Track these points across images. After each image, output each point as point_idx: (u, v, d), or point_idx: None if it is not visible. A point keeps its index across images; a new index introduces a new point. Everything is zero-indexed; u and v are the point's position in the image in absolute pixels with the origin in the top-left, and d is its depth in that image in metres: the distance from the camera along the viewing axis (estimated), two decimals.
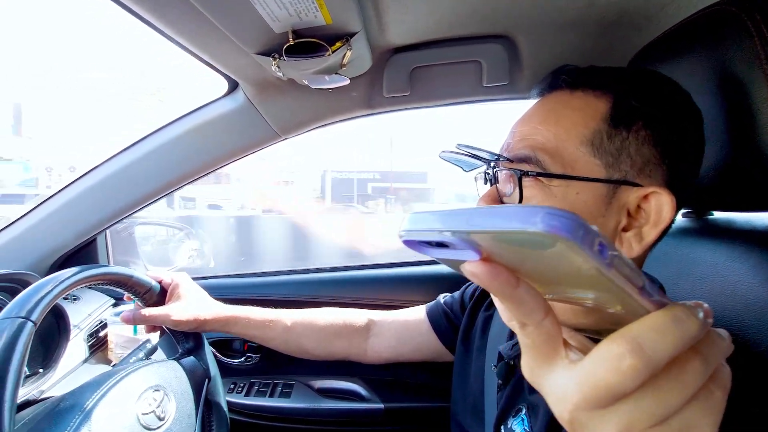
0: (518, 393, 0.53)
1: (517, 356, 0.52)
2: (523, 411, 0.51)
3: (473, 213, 0.18)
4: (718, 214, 0.66)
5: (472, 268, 0.20)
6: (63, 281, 0.54)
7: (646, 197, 0.41)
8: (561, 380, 0.21)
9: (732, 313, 0.49)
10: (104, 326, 0.87)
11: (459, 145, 0.48)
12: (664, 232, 0.43)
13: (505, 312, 0.27)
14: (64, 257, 0.88)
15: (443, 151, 0.52)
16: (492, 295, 0.28)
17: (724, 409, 0.20)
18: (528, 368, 0.22)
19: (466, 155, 0.49)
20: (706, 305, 0.20)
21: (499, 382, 0.55)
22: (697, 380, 0.19)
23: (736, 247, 0.53)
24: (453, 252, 0.20)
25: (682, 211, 0.69)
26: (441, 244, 0.20)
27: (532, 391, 0.49)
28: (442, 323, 0.78)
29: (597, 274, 0.18)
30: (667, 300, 0.20)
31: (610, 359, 0.18)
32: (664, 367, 0.19)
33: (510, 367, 0.54)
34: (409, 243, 0.21)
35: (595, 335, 0.22)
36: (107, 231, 0.96)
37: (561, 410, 0.21)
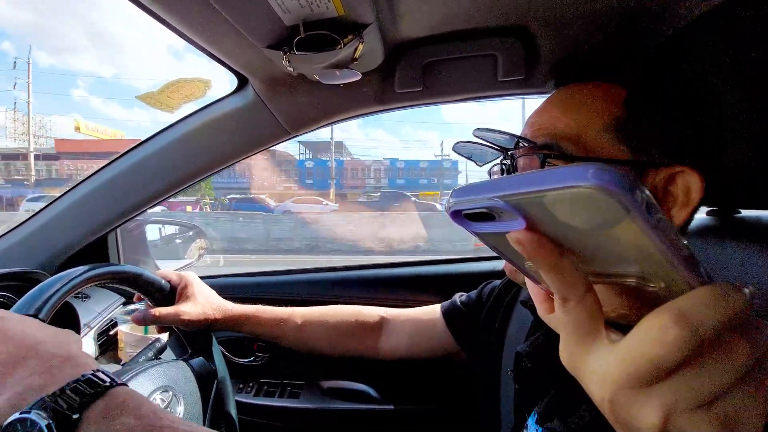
0: (535, 395, 0.51)
1: (534, 356, 0.51)
2: (534, 411, 0.49)
3: (524, 176, 0.18)
4: (746, 213, 0.63)
5: (519, 236, 0.20)
6: (72, 279, 0.54)
7: (672, 179, 0.40)
8: (602, 360, 0.20)
9: (762, 315, 0.47)
10: (115, 325, 0.87)
11: (477, 130, 0.47)
12: (692, 216, 0.43)
13: (544, 303, 0.27)
14: (74, 256, 0.88)
15: (457, 143, 0.51)
16: (528, 280, 0.28)
17: None
18: (567, 351, 0.22)
19: (483, 144, 0.48)
20: (752, 287, 0.19)
21: (516, 387, 0.54)
22: (744, 362, 0.18)
23: (766, 246, 0.51)
24: (498, 224, 0.21)
25: (706, 209, 0.66)
26: (487, 216, 0.21)
27: (548, 390, 0.47)
28: (458, 322, 0.77)
29: (642, 238, 0.18)
30: (712, 278, 0.19)
31: (656, 331, 0.18)
32: (709, 346, 0.18)
33: (527, 370, 0.52)
34: (455, 215, 0.22)
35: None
36: (118, 229, 0.96)
37: (602, 392, 0.20)
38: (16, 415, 0.27)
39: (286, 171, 27.35)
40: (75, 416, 0.28)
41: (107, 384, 0.31)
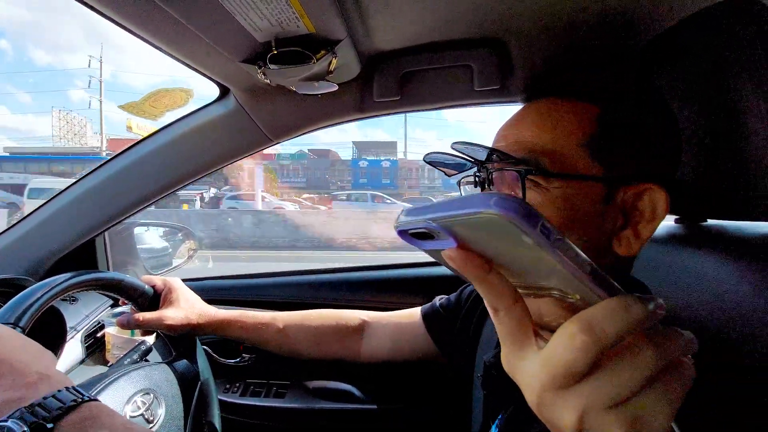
0: (501, 401, 0.53)
1: (496, 364, 0.52)
2: (499, 416, 0.51)
3: (446, 202, 0.21)
4: (711, 222, 0.65)
5: (450, 254, 0.22)
6: (54, 287, 0.56)
7: (640, 195, 0.42)
8: (530, 365, 0.22)
9: (719, 322, 0.49)
10: (102, 327, 0.89)
11: (455, 143, 0.47)
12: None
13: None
14: (62, 259, 0.89)
15: (429, 153, 0.51)
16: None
17: (681, 402, 0.21)
18: (505, 359, 0.24)
19: (455, 155, 0.48)
20: (660, 300, 0.21)
21: (484, 392, 0.56)
22: (649, 366, 0.21)
23: (726, 255, 0.52)
24: (437, 242, 0.23)
25: (674, 217, 0.68)
26: (427, 235, 0.23)
27: (511, 397, 0.49)
28: (438, 325, 0.78)
29: (546, 258, 0.20)
30: (620, 290, 0.22)
31: (566, 338, 0.20)
32: (618, 352, 0.21)
33: (493, 376, 0.54)
34: (401, 234, 0.24)
35: None
36: (106, 233, 0.97)
37: (530, 394, 0.23)
38: None
39: (340, 171, 27.43)
40: (49, 426, 0.30)
41: (81, 399, 0.33)
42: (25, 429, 0.29)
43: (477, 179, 0.48)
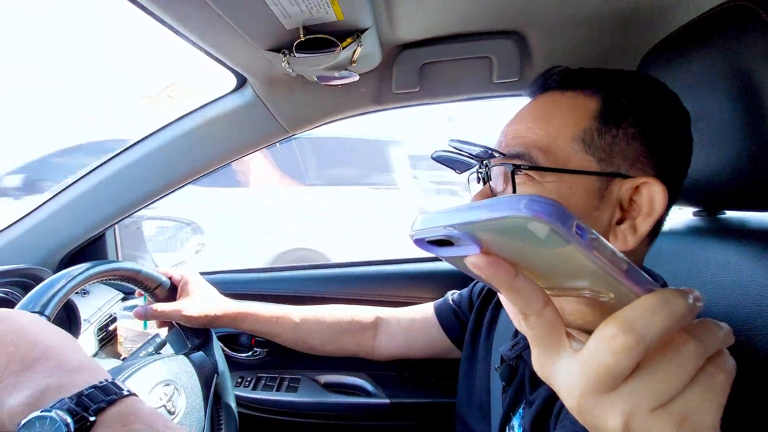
0: (520, 393, 0.53)
1: (517, 357, 0.53)
2: (521, 407, 0.52)
3: (469, 207, 0.20)
4: (730, 213, 0.65)
5: (474, 260, 0.21)
6: (75, 276, 0.55)
7: (637, 189, 0.41)
8: (567, 369, 0.21)
9: (742, 313, 0.49)
10: (114, 320, 0.88)
11: (451, 140, 0.48)
12: (659, 226, 0.44)
13: (510, 307, 0.27)
14: (73, 252, 0.89)
15: (436, 152, 0.52)
16: (498, 293, 0.28)
17: (727, 395, 0.21)
18: (537, 363, 0.23)
19: (459, 154, 0.49)
20: (696, 292, 0.20)
21: (503, 383, 0.56)
22: (693, 361, 0.20)
23: (749, 247, 0.53)
24: (457, 249, 0.22)
25: (693, 209, 0.68)
26: (446, 242, 0.22)
27: (533, 390, 0.49)
28: (451, 320, 0.78)
29: (581, 258, 0.19)
30: (656, 286, 0.21)
31: (605, 340, 0.19)
32: (660, 350, 0.20)
33: (512, 368, 0.54)
34: (418, 243, 0.23)
35: None
36: (116, 226, 0.96)
37: (569, 399, 0.22)
38: (37, 413, 0.28)
39: None
40: (92, 419, 0.29)
41: (123, 393, 0.32)
42: (69, 421, 0.28)
43: (479, 176, 0.49)
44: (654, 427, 0.20)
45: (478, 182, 0.49)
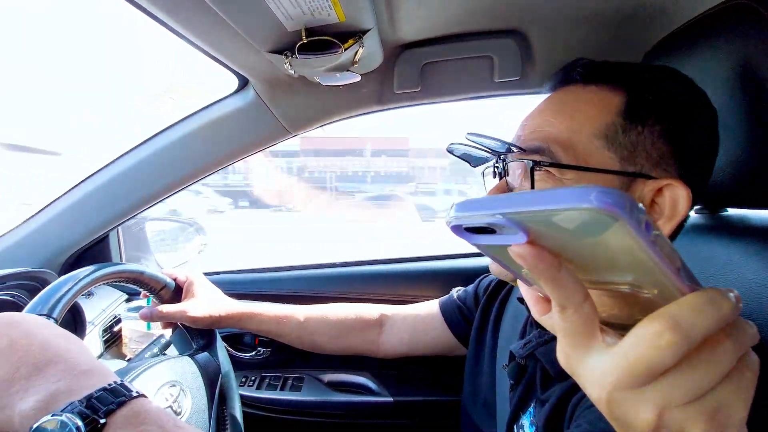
0: (530, 391, 0.53)
1: (529, 355, 0.52)
2: (532, 406, 0.51)
3: (527, 195, 0.19)
4: (732, 211, 0.65)
5: (520, 250, 0.21)
6: (82, 279, 0.55)
7: (660, 190, 0.40)
8: (598, 362, 0.22)
9: (745, 311, 0.49)
10: (118, 321, 0.88)
11: (468, 134, 0.47)
12: (680, 227, 0.43)
13: (537, 304, 0.27)
14: (77, 254, 0.89)
15: (452, 144, 0.51)
16: (521, 284, 0.28)
17: (754, 391, 0.21)
18: (564, 354, 0.23)
19: (476, 147, 0.48)
20: (736, 292, 0.20)
21: (511, 382, 0.56)
22: (729, 359, 0.20)
23: (751, 244, 0.53)
24: (499, 237, 0.22)
25: (695, 207, 0.68)
26: (488, 230, 0.22)
27: (545, 389, 0.49)
28: (456, 317, 0.78)
29: (639, 253, 0.19)
30: (701, 285, 0.21)
31: (650, 336, 0.19)
32: (697, 347, 0.20)
33: (521, 366, 0.54)
34: (456, 229, 0.23)
35: (621, 330, 0.22)
36: (119, 228, 0.97)
37: (599, 392, 0.22)
38: (48, 417, 0.28)
39: None
40: (102, 421, 0.29)
41: (132, 394, 0.32)
42: (80, 424, 0.28)
43: (495, 169, 0.48)
44: (686, 421, 0.20)
45: (494, 177, 0.49)
